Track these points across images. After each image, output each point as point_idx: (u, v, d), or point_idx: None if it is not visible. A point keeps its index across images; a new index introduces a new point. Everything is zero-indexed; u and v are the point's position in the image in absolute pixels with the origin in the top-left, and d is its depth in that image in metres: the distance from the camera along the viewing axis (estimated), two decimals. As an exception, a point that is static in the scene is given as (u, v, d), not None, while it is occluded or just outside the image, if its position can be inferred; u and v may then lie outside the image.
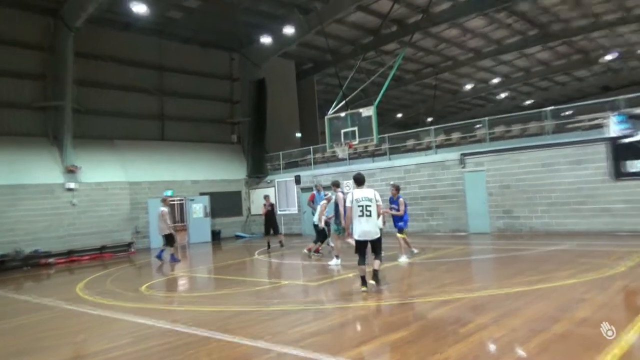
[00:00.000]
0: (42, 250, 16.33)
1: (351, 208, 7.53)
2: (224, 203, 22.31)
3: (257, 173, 23.25)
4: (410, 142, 19.25)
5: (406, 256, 10.79)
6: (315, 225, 12.71)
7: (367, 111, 14.98)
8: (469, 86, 35.30)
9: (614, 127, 13.08)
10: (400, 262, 10.49)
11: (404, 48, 20.18)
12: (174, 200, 20.49)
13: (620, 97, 13.77)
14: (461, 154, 16.39)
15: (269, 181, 22.97)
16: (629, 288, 6.92)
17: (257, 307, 7.21)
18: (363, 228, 7.44)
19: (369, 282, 7.57)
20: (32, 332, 6.79)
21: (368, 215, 7.43)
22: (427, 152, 17.93)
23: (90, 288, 10.36)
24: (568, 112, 15.79)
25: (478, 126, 17.69)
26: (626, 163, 12.98)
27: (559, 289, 6.88)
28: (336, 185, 11.88)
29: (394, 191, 10.97)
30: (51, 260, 16.18)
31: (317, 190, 13.95)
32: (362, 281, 7.53)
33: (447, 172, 16.73)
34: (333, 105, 16.76)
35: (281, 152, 23.01)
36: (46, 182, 17.23)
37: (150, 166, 20.51)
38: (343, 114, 15.81)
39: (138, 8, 17.70)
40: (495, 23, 23.45)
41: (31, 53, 17.88)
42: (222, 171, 23.09)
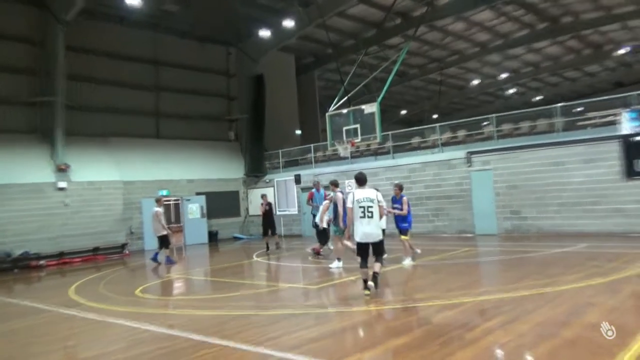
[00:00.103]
0: (32, 252, 15.90)
1: (352, 209, 7.35)
2: (221, 203, 21.79)
3: (256, 172, 22.69)
4: (414, 140, 18.84)
5: (410, 259, 10.56)
6: (315, 225, 12.55)
7: (370, 108, 14.75)
8: (476, 82, 34.81)
9: (627, 124, 12.91)
10: (404, 265, 10.33)
11: (408, 42, 19.83)
12: (169, 200, 19.98)
13: (633, 93, 13.53)
14: (467, 152, 16.10)
15: (268, 180, 22.43)
16: (640, 292, 6.79)
17: (256, 311, 7.17)
18: (365, 230, 7.25)
19: (369, 284, 7.34)
20: (22, 338, 6.70)
21: (370, 216, 7.24)
22: (433, 151, 17.58)
23: (82, 291, 10.16)
24: (579, 109, 15.45)
25: (485, 123, 17.46)
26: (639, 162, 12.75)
27: (568, 293, 6.80)
28: (335, 184, 11.67)
29: (397, 190, 10.71)
30: (42, 262, 15.79)
31: (316, 188, 13.82)
32: (365, 284, 7.35)
33: (453, 171, 16.41)
34: (334, 101, 16.58)
35: (280, 151, 22.48)
36: (36, 181, 16.76)
37: (144, 165, 20.01)
38: (345, 111, 15.66)
39: (132, 1, 17.27)
40: (503, 16, 22.98)
41: (21, 46, 17.42)
42: (219, 170, 22.51)
